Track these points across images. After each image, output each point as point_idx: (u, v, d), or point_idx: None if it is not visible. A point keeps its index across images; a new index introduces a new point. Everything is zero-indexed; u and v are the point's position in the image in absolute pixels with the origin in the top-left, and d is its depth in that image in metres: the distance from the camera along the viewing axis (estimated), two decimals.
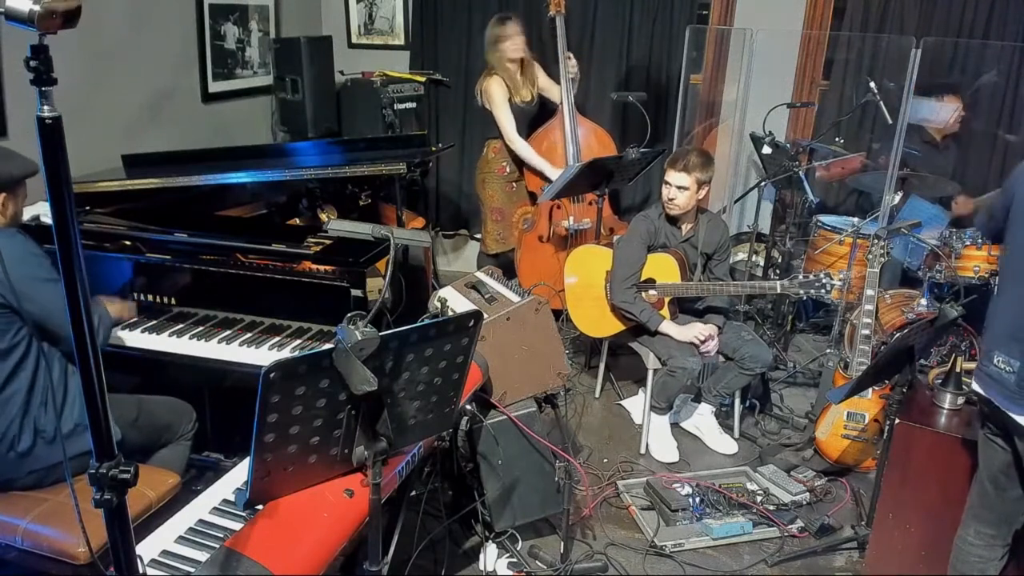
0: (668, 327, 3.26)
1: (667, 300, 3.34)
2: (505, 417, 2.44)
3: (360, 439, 1.60)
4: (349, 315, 1.46)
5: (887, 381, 2.78)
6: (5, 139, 2.96)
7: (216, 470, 2.71)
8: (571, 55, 4.18)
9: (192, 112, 4.11)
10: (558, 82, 4.22)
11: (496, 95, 4.14)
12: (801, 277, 3.15)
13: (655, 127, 4.50)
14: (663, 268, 3.30)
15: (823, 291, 3.11)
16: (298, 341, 2.56)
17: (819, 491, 3.04)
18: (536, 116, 4.36)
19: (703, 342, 3.22)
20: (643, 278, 3.32)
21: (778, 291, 3.24)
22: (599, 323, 3.51)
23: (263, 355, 2.48)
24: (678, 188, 3.19)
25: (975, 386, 2.15)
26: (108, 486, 1.14)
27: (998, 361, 2.04)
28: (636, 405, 3.66)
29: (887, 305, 3.70)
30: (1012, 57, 4.21)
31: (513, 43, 4.11)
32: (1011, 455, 2.09)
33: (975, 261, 3.66)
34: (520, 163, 4.29)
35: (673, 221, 3.33)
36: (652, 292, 3.32)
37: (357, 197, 3.56)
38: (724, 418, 3.56)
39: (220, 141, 4.22)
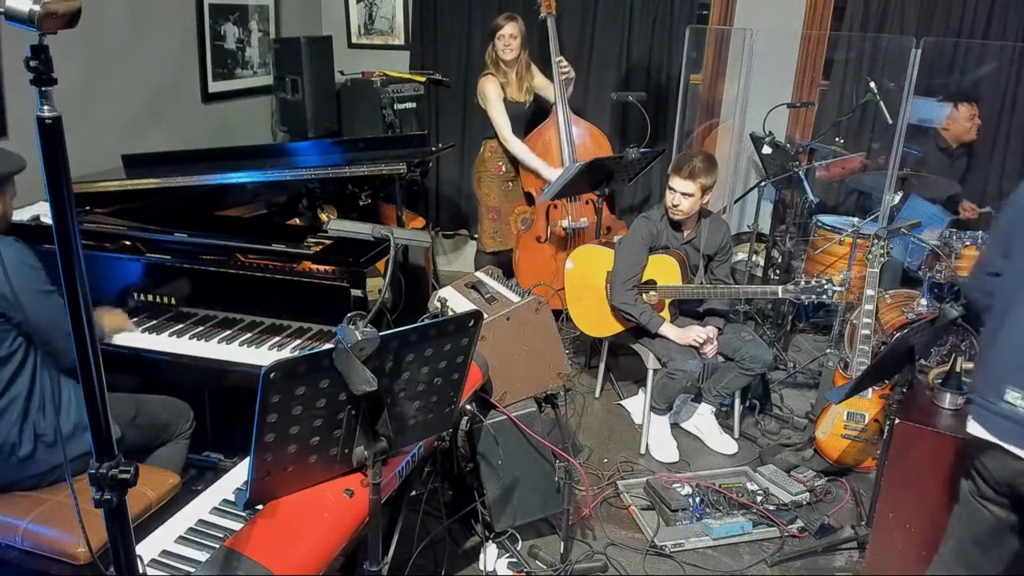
0: (668, 329, 3.26)
1: (667, 302, 3.34)
2: (505, 417, 2.44)
3: (360, 439, 1.60)
4: (349, 315, 1.46)
5: (887, 381, 2.78)
6: (5, 139, 2.96)
7: (216, 470, 2.71)
8: (563, 58, 4.18)
9: (192, 112, 4.12)
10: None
11: (490, 93, 4.15)
12: (803, 282, 3.14)
13: (655, 127, 4.51)
14: (664, 270, 3.30)
15: (824, 296, 3.11)
16: (298, 341, 2.56)
17: (819, 491, 3.04)
18: (532, 117, 4.36)
19: (702, 344, 3.22)
20: (644, 279, 3.32)
21: (779, 296, 3.23)
22: (599, 323, 3.51)
23: (263, 355, 2.48)
24: (683, 195, 3.18)
25: (973, 428, 1.87)
26: (108, 486, 1.14)
27: (1012, 398, 1.78)
28: (636, 405, 3.66)
29: (887, 305, 3.70)
30: (1012, 57, 4.21)
31: (505, 43, 4.11)
32: (1004, 518, 1.89)
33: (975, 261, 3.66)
34: (516, 163, 4.29)
35: (675, 223, 3.33)
36: (652, 294, 3.32)
37: (357, 197, 3.55)
38: (724, 418, 3.56)
39: (220, 141, 4.22)
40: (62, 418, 2.15)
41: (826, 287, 3.09)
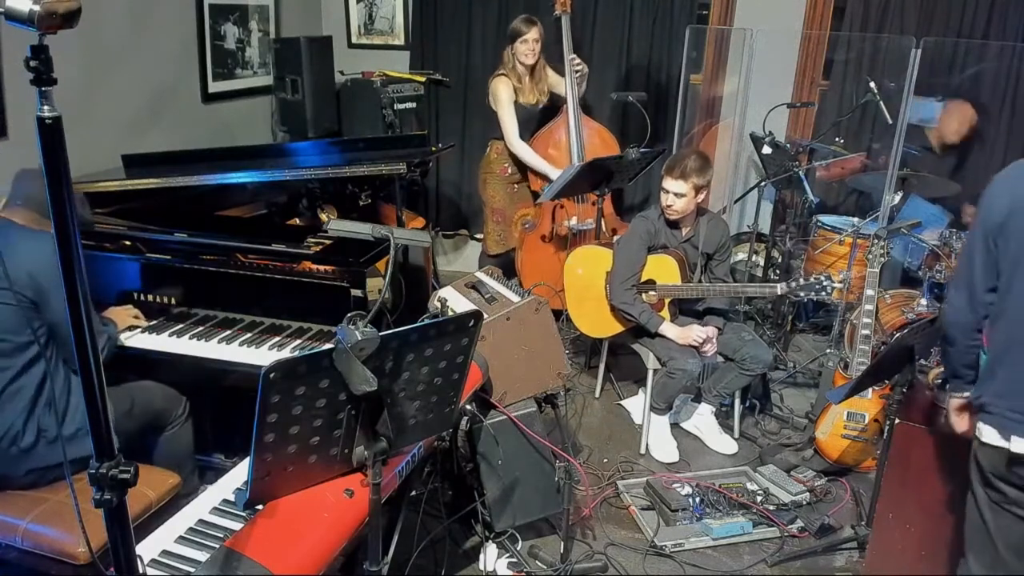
0: (667, 328, 3.26)
1: (667, 301, 3.34)
2: (505, 417, 2.44)
3: (360, 439, 1.60)
4: (349, 315, 1.46)
5: (887, 381, 2.78)
6: (5, 139, 2.96)
7: (216, 470, 2.71)
8: (576, 56, 4.18)
9: (192, 112, 4.11)
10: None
11: (502, 95, 4.14)
12: (801, 280, 3.14)
13: (655, 127, 4.50)
14: (663, 269, 3.30)
15: (823, 294, 3.11)
16: (298, 341, 2.56)
17: (819, 491, 3.04)
18: (543, 116, 4.36)
19: (702, 344, 3.22)
20: (643, 279, 3.32)
21: (778, 293, 3.23)
22: (599, 323, 3.51)
23: (263, 355, 2.49)
24: (676, 195, 3.18)
25: (993, 437, 1.84)
26: (108, 486, 1.14)
27: None
28: (636, 405, 3.66)
29: (887, 305, 3.70)
30: (1012, 57, 4.21)
31: (528, 47, 4.09)
32: None
33: None
34: (523, 164, 4.29)
35: (673, 223, 3.33)
36: (652, 293, 3.32)
37: (357, 197, 3.55)
38: (724, 418, 3.56)
39: (220, 141, 4.22)
40: (68, 420, 2.17)
41: (824, 283, 3.09)
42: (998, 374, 1.88)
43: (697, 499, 2.90)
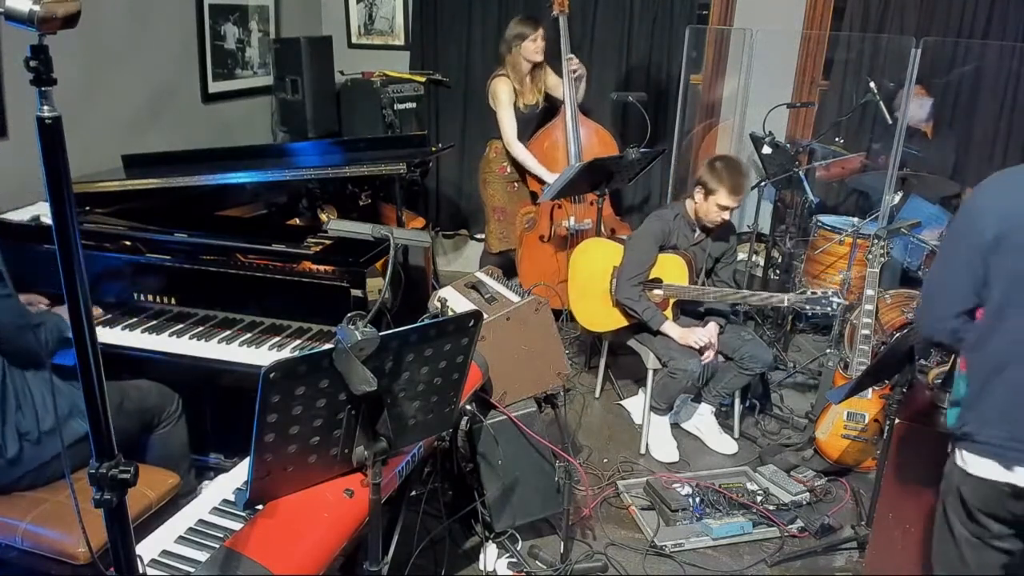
0: (670, 328, 3.26)
1: (671, 301, 3.34)
2: (505, 417, 2.44)
3: (360, 439, 1.60)
4: (349, 315, 1.45)
5: (887, 381, 2.78)
6: (5, 139, 2.95)
7: (216, 470, 2.71)
8: (573, 56, 4.18)
9: (192, 112, 4.11)
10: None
11: (502, 96, 4.14)
12: (808, 293, 3.16)
13: (655, 127, 4.50)
14: (672, 269, 3.30)
15: (828, 309, 3.12)
16: (298, 341, 2.56)
17: (819, 491, 3.04)
18: (543, 116, 4.36)
19: (703, 348, 3.22)
20: (651, 277, 3.32)
21: (784, 304, 3.23)
22: (601, 318, 3.50)
23: (263, 355, 2.48)
24: (732, 209, 3.23)
25: (988, 470, 1.73)
26: (108, 486, 1.14)
27: None
28: (636, 405, 3.66)
29: (887, 305, 3.70)
30: (1012, 57, 4.21)
31: (537, 45, 4.09)
32: (1018, 548, 1.78)
33: None
34: (521, 165, 4.29)
35: (689, 224, 3.33)
36: (657, 292, 3.32)
37: (357, 197, 3.56)
38: (724, 418, 3.56)
39: (220, 141, 4.22)
40: (42, 417, 2.12)
41: (832, 299, 3.09)
42: (988, 400, 1.75)
43: (697, 499, 2.90)
